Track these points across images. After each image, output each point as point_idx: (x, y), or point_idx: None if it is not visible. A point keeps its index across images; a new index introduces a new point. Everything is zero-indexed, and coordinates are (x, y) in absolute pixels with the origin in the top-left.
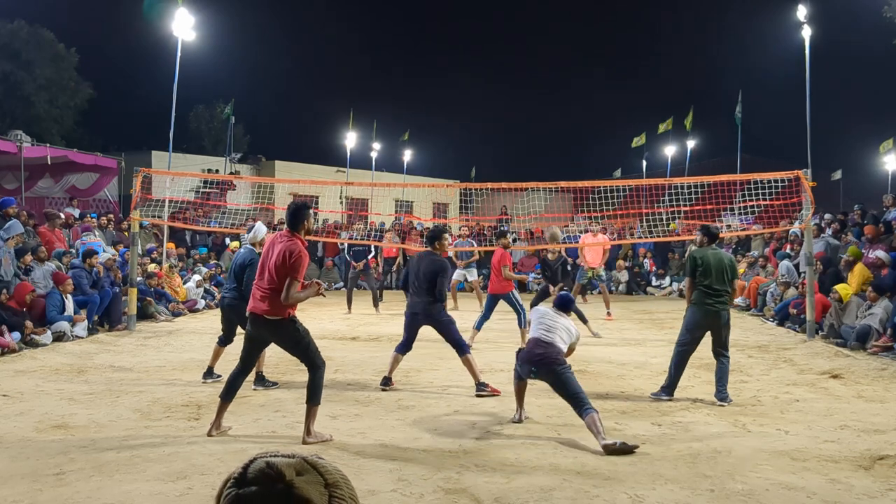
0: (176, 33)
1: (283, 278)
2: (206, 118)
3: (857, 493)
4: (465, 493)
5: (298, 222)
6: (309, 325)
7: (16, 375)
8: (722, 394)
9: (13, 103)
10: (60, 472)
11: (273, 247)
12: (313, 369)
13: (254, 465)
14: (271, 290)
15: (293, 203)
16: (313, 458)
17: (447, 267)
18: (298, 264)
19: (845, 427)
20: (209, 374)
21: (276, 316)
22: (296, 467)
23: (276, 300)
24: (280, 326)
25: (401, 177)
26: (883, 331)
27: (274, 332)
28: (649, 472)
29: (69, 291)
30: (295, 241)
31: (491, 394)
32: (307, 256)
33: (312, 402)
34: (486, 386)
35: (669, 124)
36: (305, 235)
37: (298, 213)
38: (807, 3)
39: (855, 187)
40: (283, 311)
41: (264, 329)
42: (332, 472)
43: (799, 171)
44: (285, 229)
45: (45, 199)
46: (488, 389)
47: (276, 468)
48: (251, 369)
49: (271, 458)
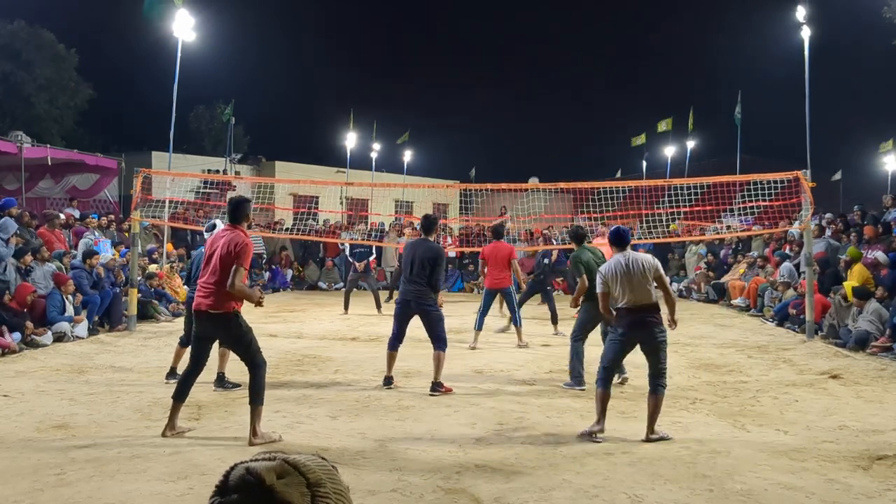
0: (176, 34)
1: (229, 269)
2: (206, 119)
3: (856, 493)
4: (464, 492)
5: (240, 215)
6: (309, 326)
7: (17, 376)
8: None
9: (13, 104)
10: (61, 471)
11: (216, 241)
12: (254, 368)
13: (234, 473)
14: (216, 284)
15: (232, 198)
16: (294, 459)
17: (443, 254)
18: (244, 252)
19: (844, 427)
20: (172, 375)
21: (220, 310)
22: (276, 470)
23: (221, 294)
24: (224, 320)
25: (401, 177)
26: (882, 331)
27: (217, 327)
28: (648, 472)
29: (70, 292)
30: (238, 232)
31: (444, 393)
32: (252, 246)
33: (256, 402)
34: (441, 386)
35: (669, 124)
36: (248, 228)
37: (239, 207)
38: (806, 3)
39: (855, 188)
40: (227, 304)
41: (208, 324)
42: (314, 471)
43: (798, 172)
44: (226, 223)
45: (46, 199)
46: (442, 389)
47: (256, 473)
48: (202, 369)
49: (251, 464)
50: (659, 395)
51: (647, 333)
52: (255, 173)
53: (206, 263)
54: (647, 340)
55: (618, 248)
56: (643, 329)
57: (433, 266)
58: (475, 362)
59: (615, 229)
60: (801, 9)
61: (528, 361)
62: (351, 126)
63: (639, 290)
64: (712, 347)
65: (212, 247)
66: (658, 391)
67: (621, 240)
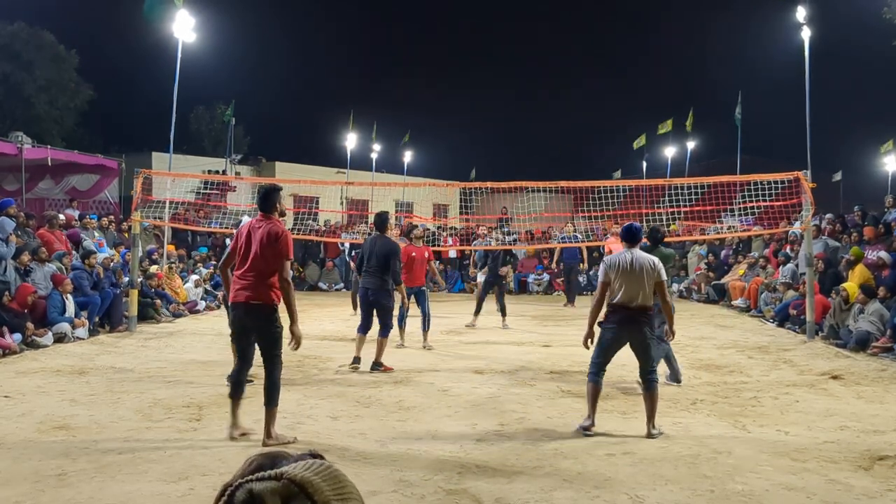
0: (176, 34)
1: (273, 260)
2: (206, 119)
3: (857, 494)
4: (465, 493)
5: (271, 204)
6: (310, 326)
7: (17, 377)
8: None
9: (14, 104)
10: (62, 472)
11: (252, 233)
12: (273, 366)
13: (237, 496)
14: (256, 276)
15: (262, 186)
16: (301, 478)
17: (398, 249)
18: (286, 242)
19: (845, 428)
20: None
21: (261, 301)
22: (281, 493)
23: (262, 286)
24: (264, 310)
25: (401, 177)
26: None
27: (258, 318)
28: (650, 473)
29: (68, 292)
30: (275, 223)
31: (384, 371)
32: (291, 236)
33: (271, 404)
34: (381, 365)
35: (669, 125)
36: (279, 217)
37: (269, 195)
38: (806, 4)
39: (855, 188)
40: (268, 295)
41: (248, 316)
42: (322, 492)
43: (799, 172)
44: (259, 214)
45: (46, 200)
46: (382, 368)
47: (260, 499)
48: (251, 363)
49: (256, 485)
50: (653, 391)
51: (638, 332)
52: (256, 174)
53: (240, 255)
54: (638, 339)
55: (628, 243)
56: (634, 327)
57: (389, 261)
58: (475, 363)
59: (628, 225)
60: (802, 9)
61: (529, 362)
62: (351, 126)
63: (636, 290)
64: (713, 348)
65: (247, 239)
66: (651, 386)
67: (633, 236)
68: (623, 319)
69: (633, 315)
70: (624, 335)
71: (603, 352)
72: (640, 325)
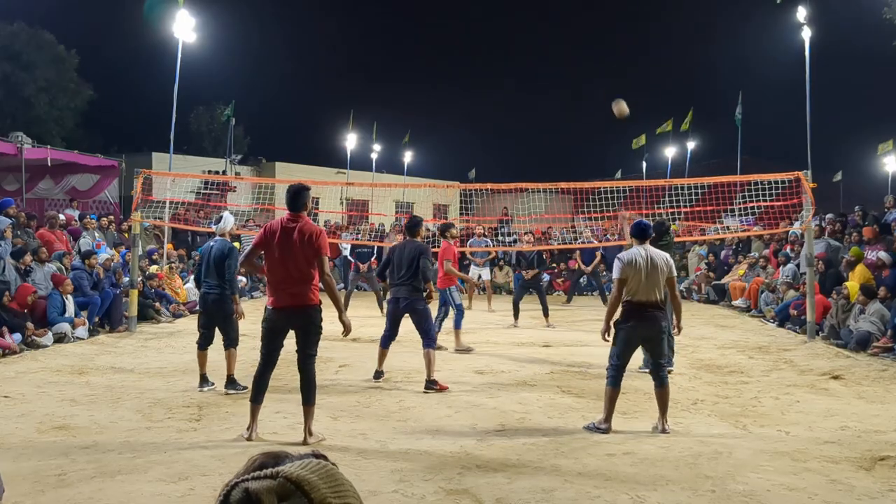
0: (177, 35)
1: (313, 259)
2: (206, 120)
3: (858, 494)
4: (466, 493)
5: (300, 203)
6: None
7: (17, 377)
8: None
9: (14, 105)
10: (62, 473)
11: (286, 235)
12: (310, 359)
13: (233, 495)
14: (299, 279)
15: (292, 186)
16: (298, 476)
17: (427, 248)
18: (323, 240)
19: (846, 428)
20: (204, 382)
21: (308, 303)
22: (277, 492)
23: (306, 287)
24: (311, 311)
25: (401, 178)
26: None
27: (303, 318)
28: (651, 473)
29: (68, 292)
30: (307, 222)
31: (439, 390)
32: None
33: (310, 401)
34: (436, 383)
35: (669, 125)
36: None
37: (299, 195)
38: (807, 4)
39: (855, 189)
40: (314, 296)
41: (298, 318)
42: (318, 489)
43: (799, 173)
44: (288, 213)
45: (46, 200)
46: (437, 387)
47: (256, 497)
48: (275, 365)
49: (252, 484)
50: (666, 386)
51: (654, 328)
52: (256, 174)
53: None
54: (653, 334)
55: (639, 240)
56: (650, 324)
57: (419, 262)
58: (476, 363)
59: (638, 222)
60: (802, 10)
61: (530, 362)
62: (351, 127)
63: (652, 287)
64: (713, 348)
65: (280, 240)
66: (664, 382)
67: (643, 233)
68: (640, 317)
69: (650, 312)
70: (641, 332)
71: (622, 353)
72: (656, 321)
